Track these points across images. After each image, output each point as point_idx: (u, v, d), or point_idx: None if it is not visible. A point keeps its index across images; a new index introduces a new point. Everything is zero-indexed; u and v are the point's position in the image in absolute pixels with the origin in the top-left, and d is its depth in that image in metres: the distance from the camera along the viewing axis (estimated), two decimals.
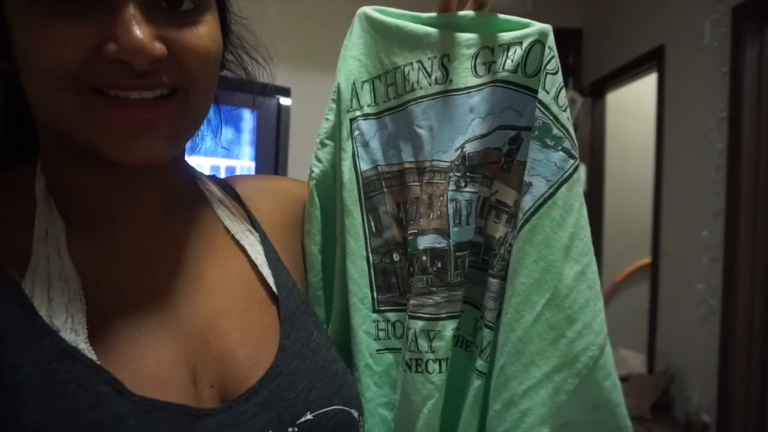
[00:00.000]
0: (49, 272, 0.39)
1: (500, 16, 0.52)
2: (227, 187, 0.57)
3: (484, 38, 0.52)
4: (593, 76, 3.46)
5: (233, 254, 0.50)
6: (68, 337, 0.37)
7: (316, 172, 0.58)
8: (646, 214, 3.08)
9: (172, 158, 0.44)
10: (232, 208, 0.54)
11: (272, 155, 2.83)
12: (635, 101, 3.52)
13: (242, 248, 0.51)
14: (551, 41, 0.49)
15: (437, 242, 0.52)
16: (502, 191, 0.53)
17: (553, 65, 0.49)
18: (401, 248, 0.56)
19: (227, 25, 0.50)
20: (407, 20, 0.54)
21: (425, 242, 0.52)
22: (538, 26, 0.50)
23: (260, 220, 0.55)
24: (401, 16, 0.55)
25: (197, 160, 0.57)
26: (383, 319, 0.55)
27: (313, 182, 0.57)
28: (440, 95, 0.53)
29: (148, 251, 0.46)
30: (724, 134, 2.38)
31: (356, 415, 0.47)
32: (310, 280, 0.57)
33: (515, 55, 0.50)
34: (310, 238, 0.57)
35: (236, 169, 2.71)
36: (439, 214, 0.52)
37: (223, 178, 0.59)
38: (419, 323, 0.52)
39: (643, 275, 3.37)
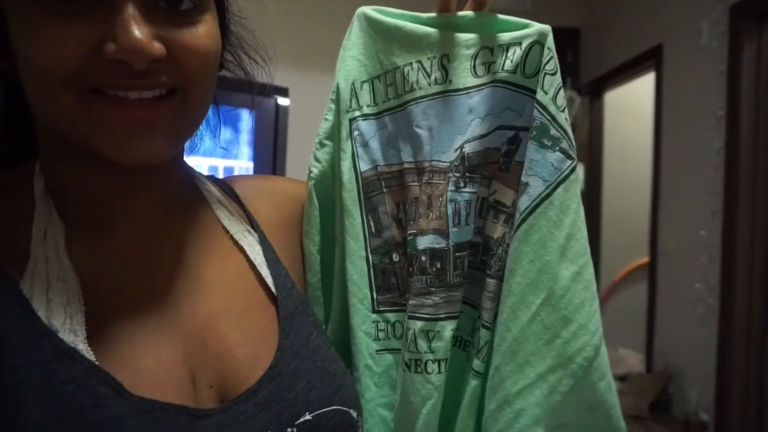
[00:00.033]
0: (47, 273, 0.39)
1: (500, 16, 0.52)
2: (226, 187, 0.57)
3: (483, 39, 0.51)
4: (591, 75, 3.46)
5: (232, 254, 0.50)
6: (67, 337, 0.37)
7: (314, 172, 0.57)
8: (644, 213, 3.08)
9: (171, 158, 0.44)
10: (230, 208, 0.54)
11: (270, 155, 2.83)
12: (633, 100, 3.52)
13: (241, 248, 0.51)
14: (550, 42, 0.49)
15: (436, 242, 0.52)
16: (500, 191, 0.53)
17: (551, 66, 0.49)
18: (401, 248, 0.56)
19: (226, 24, 0.49)
20: (406, 20, 0.54)
21: (424, 242, 0.52)
22: (537, 27, 0.50)
23: (259, 220, 0.55)
24: (400, 16, 0.55)
25: (195, 160, 0.57)
26: (383, 319, 0.55)
27: (311, 182, 0.57)
28: (440, 95, 0.53)
29: (147, 251, 0.46)
30: (722, 133, 2.39)
31: (355, 415, 0.47)
32: (308, 280, 0.57)
33: (514, 55, 0.50)
34: (308, 238, 0.57)
35: (234, 169, 2.71)
36: (438, 214, 0.52)
37: (221, 178, 0.59)
38: (418, 323, 0.52)
39: (641, 274, 3.37)
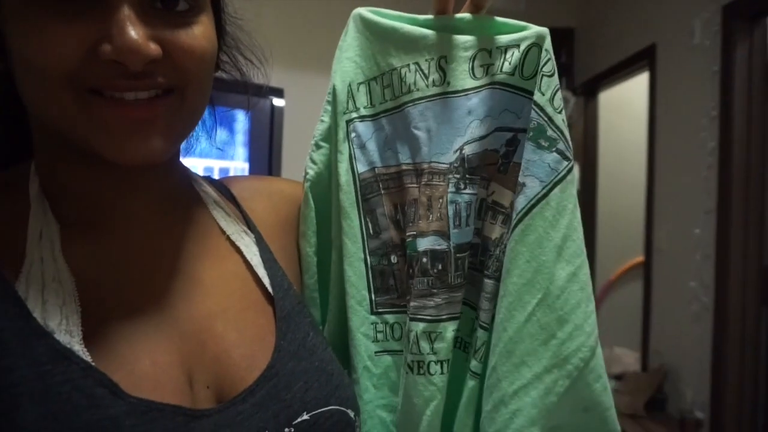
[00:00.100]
0: (43, 274, 0.39)
1: (497, 18, 0.52)
2: (222, 188, 0.57)
3: (481, 41, 0.51)
4: (586, 75, 3.47)
5: (229, 255, 0.50)
6: (63, 338, 0.37)
7: (310, 173, 0.57)
8: (639, 212, 3.09)
9: (168, 158, 0.44)
10: (227, 209, 0.54)
11: (266, 156, 2.83)
12: (627, 100, 3.54)
13: (238, 249, 0.51)
14: (548, 44, 0.50)
15: (437, 244, 0.52)
16: (498, 192, 0.53)
17: (549, 67, 0.49)
18: (399, 250, 0.55)
19: (222, 25, 0.49)
20: (403, 22, 0.54)
21: (425, 244, 0.52)
22: (535, 29, 0.50)
23: (255, 220, 0.55)
24: (397, 17, 0.54)
25: (191, 161, 0.57)
26: (381, 321, 0.55)
27: (307, 184, 0.57)
28: (438, 97, 0.53)
29: (145, 252, 0.46)
30: (715, 132, 2.40)
31: (352, 415, 0.47)
32: (305, 281, 0.57)
33: (513, 57, 0.50)
34: (305, 239, 0.57)
35: (230, 170, 2.71)
36: (438, 215, 0.52)
37: (218, 179, 0.59)
38: (420, 325, 0.52)
39: (636, 273, 3.38)
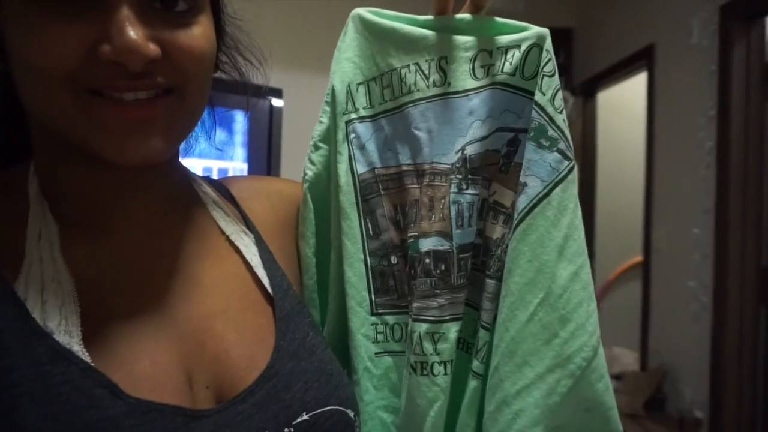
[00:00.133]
0: (42, 274, 0.39)
1: (497, 19, 0.52)
2: (221, 188, 0.56)
3: (481, 41, 0.51)
4: (584, 75, 3.48)
5: (228, 255, 0.50)
6: (62, 339, 0.37)
7: (309, 174, 0.57)
8: (637, 212, 3.10)
9: (167, 159, 0.44)
10: (226, 209, 0.53)
11: (265, 157, 2.83)
12: (626, 100, 3.54)
13: (237, 249, 0.51)
14: (549, 44, 0.50)
15: (440, 245, 0.52)
16: (499, 192, 0.53)
17: (550, 68, 0.49)
18: (399, 251, 0.55)
19: (221, 26, 0.49)
20: (402, 22, 0.54)
21: (428, 245, 0.52)
22: (535, 30, 0.50)
23: (254, 221, 0.54)
24: (396, 18, 0.54)
25: (189, 162, 0.57)
26: (382, 322, 0.55)
27: (306, 185, 0.57)
28: (438, 98, 0.53)
29: (143, 252, 0.46)
30: (713, 132, 2.41)
31: (352, 415, 0.47)
32: (304, 282, 0.57)
33: (513, 58, 0.50)
34: (304, 240, 0.57)
35: (229, 170, 2.71)
36: (441, 216, 0.52)
37: (217, 179, 0.59)
38: (424, 326, 0.51)
39: (635, 273, 3.39)
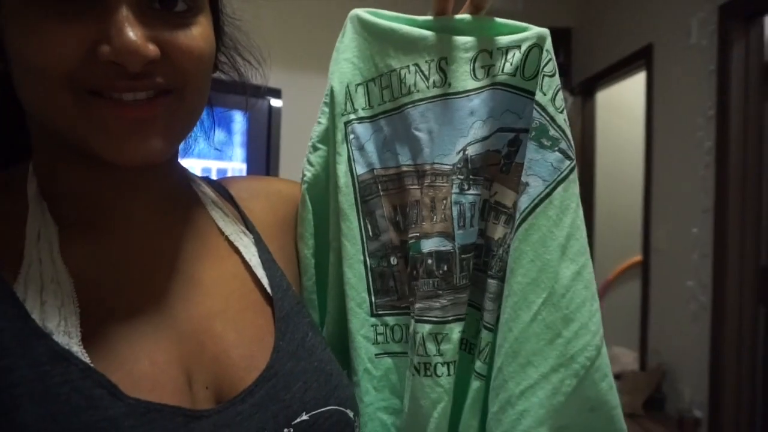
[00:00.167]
0: (41, 275, 0.39)
1: (497, 19, 0.52)
2: (220, 188, 0.56)
3: (481, 42, 0.51)
4: (583, 75, 3.48)
5: (227, 256, 0.50)
6: (61, 340, 0.37)
7: (308, 175, 0.57)
8: (636, 211, 3.10)
9: (166, 159, 0.44)
10: (225, 209, 0.53)
11: (263, 157, 2.83)
12: (625, 100, 3.55)
13: (236, 250, 0.51)
14: (549, 45, 0.50)
15: (442, 245, 0.52)
16: (501, 193, 0.53)
17: (550, 68, 0.49)
18: (399, 251, 0.55)
19: (220, 26, 0.49)
20: (401, 23, 0.54)
21: (430, 245, 0.52)
22: (536, 30, 0.50)
23: (254, 221, 0.54)
24: (395, 18, 0.54)
25: (188, 162, 0.57)
26: (381, 323, 0.55)
27: (305, 186, 0.57)
28: (438, 98, 0.52)
29: (143, 253, 0.45)
30: (712, 132, 2.41)
31: (352, 415, 0.47)
32: (303, 283, 0.57)
33: (514, 58, 0.50)
34: (303, 241, 0.57)
35: (228, 171, 2.71)
36: (443, 217, 0.52)
37: (216, 179, 0.59)
38: (426, 327, 0.51)
39: (634, 273, 3.39)
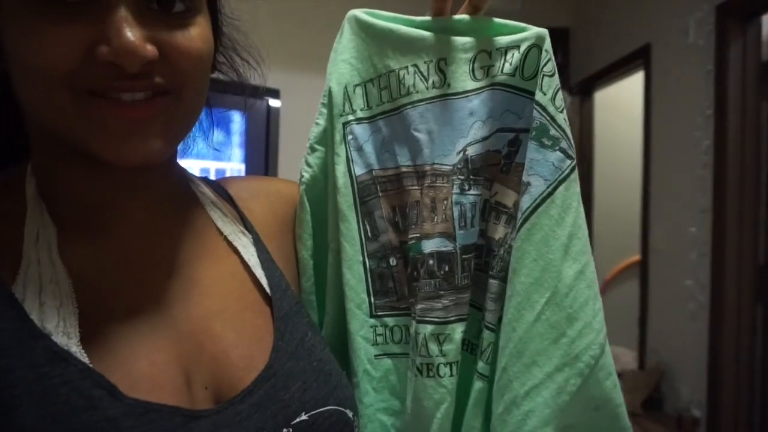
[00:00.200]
0: (40, 276, 0.39)
1: (495, 20, 0.52)
2: (219, 188, 0.56)
3: (480, 42, 0.51)
4: (581, 75, 3.48)
5: (226, 256, 0.50)
6: (60, 340, 0.37)
7: (306, 177, 0.57)
8: (635, 211, 3.10)
9: (165, 159, 0.44)
10: (224, 209, 0.53)
11: (262, 157, 2.83)
12: (623, 99, 3.55)
13: (235, 250, 0.51)
14: (548, 45, 0.50)
15: (443, 246, 0.52)
16: (501, 193, 0.53)
17: (549, 68, 0.49)
18: (398, 252, 0.55)
19: (219, 26, 0.49)
20: (399, 23, 0.54)
21: (431, 246, 0.52)
22: (534, 30, 0.50)
23: (253, 221, 0.54)
24: (393, 19, 0.54)
25: (187, 163, 0.57)
26: (381, 324, 0.55)
27: (303, 187, 0.57)
28: (438, 99, 0.52)
29: (141, 253, 0.45)
30: (710, 131, 2.41)
31: (351, 415, 0.47)
32: (302, 284, 0.57)
33: (513, 58, 0.50)
34: (301, 243, 0.57)
35: (226, 171, 2.71)
36: (444, 217, 0.52)
37: (215, 179, 0.59)
38: (428, 327, 0.51)
39: (633, 272, 3.39)
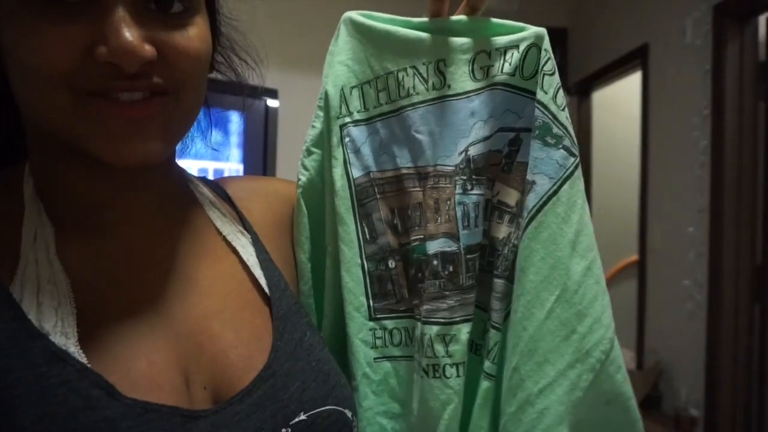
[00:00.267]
0: (38, 276, 0.39)
1: (493, 20, 0.52)
2: (218, 188, 0.56)
3: (479, 43, 0.51)
4: (579, 75, 3.48)
5: (225, 255, 0.50)
6: (58, 340, 0.37)
7: (302, 180, 0.57)
8: (632, 211, 3.11)
9: (164, 159, 0.43)
10: (223, 209, 0.53)
11: (260, 157, 2.83)
12: (620, 99, 3.55)
13: (234, 249, 0.50)
14: (547, 44, 0.50)
15: (447, 246, 0.52)
16: (503, 192, 0.53)
17: (549, 66, 0.49)
18: (397, 254, 0.55)
19: (217, 26, 0.49)
20: (397, 25, 0.53)
21: (435, 247, 0.52)
22: (533, 30, 0.50)
23: (251, 221, 0.54)
24: (390, 20, 0.54)
25: (185, 163, 0.57)
26: (380, 326, 0.55)
27: (299, 190, 0.57)
28: (439, 101, 0.52)
29: (140, 253, 0.45)
30: (707, 131, 2.41)
31: (350, 415, 0.47)
32: (300, 287, 0.57)
33: (512, 58, 0.50)
34: (299, 245, 0.57)
35: (224, 171, 2.71)
36: (447, 218, 0.52)
37: (213, 179, 0.59)
38: (434, 328, 0.51)
39: (630, 272, 3.40)
